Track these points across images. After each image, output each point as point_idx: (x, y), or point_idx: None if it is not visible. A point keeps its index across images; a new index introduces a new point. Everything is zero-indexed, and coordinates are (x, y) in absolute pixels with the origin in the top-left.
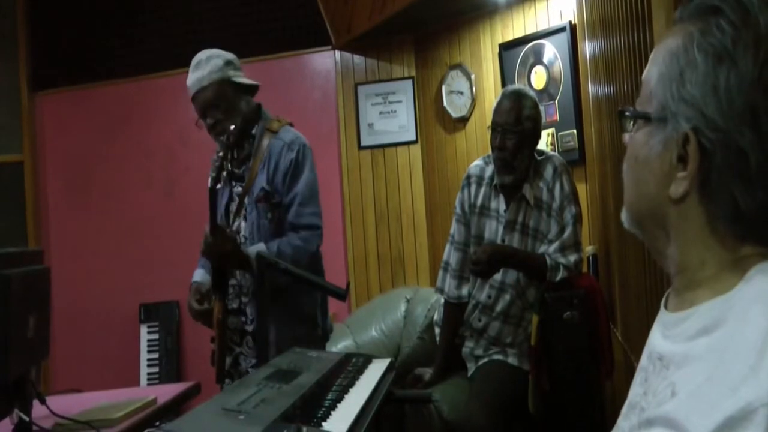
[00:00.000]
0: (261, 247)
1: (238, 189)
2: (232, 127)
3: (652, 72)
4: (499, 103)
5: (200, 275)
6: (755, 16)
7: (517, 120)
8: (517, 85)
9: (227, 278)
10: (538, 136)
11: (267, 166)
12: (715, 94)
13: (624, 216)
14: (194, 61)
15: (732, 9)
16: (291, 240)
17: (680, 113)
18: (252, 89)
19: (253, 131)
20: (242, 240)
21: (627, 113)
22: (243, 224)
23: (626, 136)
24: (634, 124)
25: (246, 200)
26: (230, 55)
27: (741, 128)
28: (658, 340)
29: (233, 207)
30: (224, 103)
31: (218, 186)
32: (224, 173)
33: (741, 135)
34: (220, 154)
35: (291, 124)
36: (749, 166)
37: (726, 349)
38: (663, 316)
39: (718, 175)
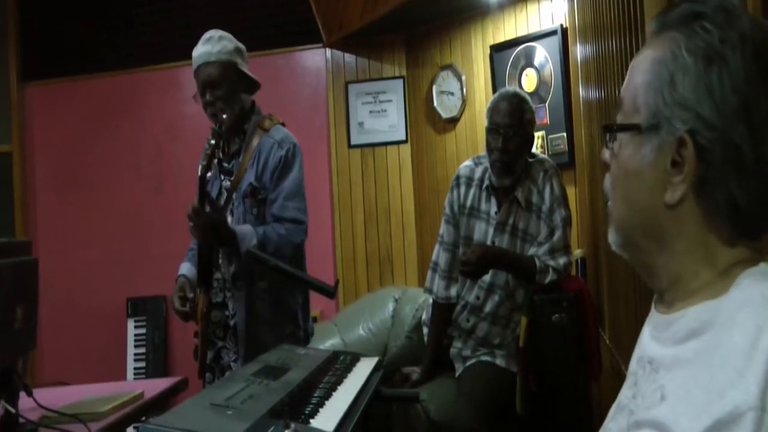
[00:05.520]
0: (248, 227)
1: (226, 183)
2: (225, 115)
3: (636, 84)
4: (497, 105)
5: (187, 268)
6: (737, 16)
7: (520, 122)
8: (513, 87)
9: (212, 272)
10: (534, 139)
11: (256, 163)
12: (710, 94)
13: (613, 237)
14: (206, 35)
15: (715, 11)
16: (276, 228)
17: (675, 117)
18: (253, 86)
19: (245, 127)
20: None
21: (614, 127)
22: (230, 219)
23: (606, 153)
24: (615, 140)
25: (234, 195)
26: (241, 45)
27: (735, 124)
28: (647, 341)
29: (221, 201)
30: (226, 85)
31: (208, 174)
32: (215, 161)
33: (735, 131)
34: (212, 142)
35: (283, 124)
36: (744, 159)
37: (714, 353)
38: (653, 317)
39: (715, 173)
